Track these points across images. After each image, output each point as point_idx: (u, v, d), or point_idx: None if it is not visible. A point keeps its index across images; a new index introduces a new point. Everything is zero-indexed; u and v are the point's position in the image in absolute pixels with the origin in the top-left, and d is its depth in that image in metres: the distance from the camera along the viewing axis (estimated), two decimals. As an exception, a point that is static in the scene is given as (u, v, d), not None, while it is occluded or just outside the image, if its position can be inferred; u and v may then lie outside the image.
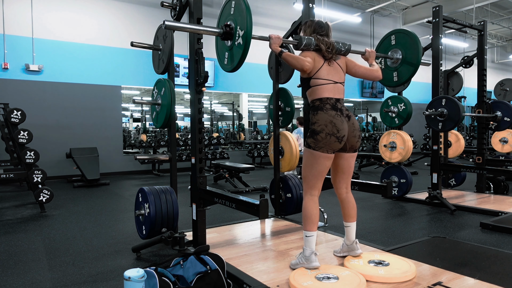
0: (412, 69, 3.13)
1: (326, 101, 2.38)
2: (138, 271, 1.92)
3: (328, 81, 2.42)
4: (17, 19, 7.22)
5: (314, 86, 2.41)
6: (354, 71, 2.63)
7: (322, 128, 2.31)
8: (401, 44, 3.20)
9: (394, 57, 3.23)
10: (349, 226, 2.56)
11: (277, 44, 2.40)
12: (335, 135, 2.31)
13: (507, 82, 7.26)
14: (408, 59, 3.14)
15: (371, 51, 2.80)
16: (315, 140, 2.32)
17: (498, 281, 2.18)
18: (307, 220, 2.36)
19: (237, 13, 2.33)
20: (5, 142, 6.10)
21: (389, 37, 3.30)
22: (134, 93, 11.60)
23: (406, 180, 5.04)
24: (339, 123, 2.33)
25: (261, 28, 10.39)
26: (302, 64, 2.35)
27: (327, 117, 2.33)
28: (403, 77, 3.21)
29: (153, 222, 2.95)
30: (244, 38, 2.26)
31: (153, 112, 3.26)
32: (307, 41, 2.42)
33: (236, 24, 2.34)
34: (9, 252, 3.14)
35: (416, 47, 3.10)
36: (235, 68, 2.43)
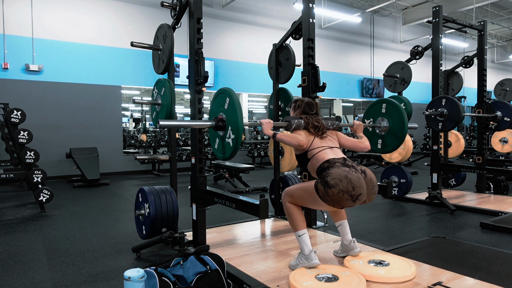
0: (397, 141, 3.14)
1: (334, 161, 2.29)
2: (138, 271, 1.93)
3: (325, 147, 2.43)
4: (17, 19, 7.22)
5: (313, 156, 2.40)
6: (343, 142, 2.64)
7: (336, 183, 2.12)
8: (390, 114, 3.17)
9: (382, 126, 3.23)
10: (341, 224, 2.57)
11: (269, 128, 2.46)
12: (349, 192, 2.12)
13: (507, 82, 7.26)
14: (394, 131, 3.15)
15: (358, 124, 2.88)
16: (326, 193, 2.15)
17: (498, 281, 2.18)
18: (294, 221, 2.38)
19: (229, 110, 2.36)
20: (5, 142, 6.10)
21: (379, 104, 3.25)
22: (134, 93, 11.61)
23: (406, 180, 5.04)
24: (355, 180, 2.14)
25: (261, 28, 10.40)
26: (298, 140, 2.40)
27: (341, 172, 2.16)
28: (388, 147, 3.22)
29: (153, 222, 2.95)
30: (235, 137, 2.31)
31: (153, 112, 3.26)
32: (296, 123, 2.51)
33: (228, 119, 2.38)
34: (9, 252, 3.14)
35: (403, 122, 3.08)
36: (227, 158, 2.47)
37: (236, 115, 2.28)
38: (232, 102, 2.33)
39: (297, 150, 2.50)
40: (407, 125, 3.09)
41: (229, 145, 2.39)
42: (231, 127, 2.35)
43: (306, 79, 3.35)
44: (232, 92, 2.37)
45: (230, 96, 2.35)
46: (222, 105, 2.44)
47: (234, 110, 2.31)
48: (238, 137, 2.29)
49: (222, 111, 2.44)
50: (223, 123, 2.41)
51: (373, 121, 3.27)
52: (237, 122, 2.28)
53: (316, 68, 3.32)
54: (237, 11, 10.00)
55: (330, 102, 13.48)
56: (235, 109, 2.30)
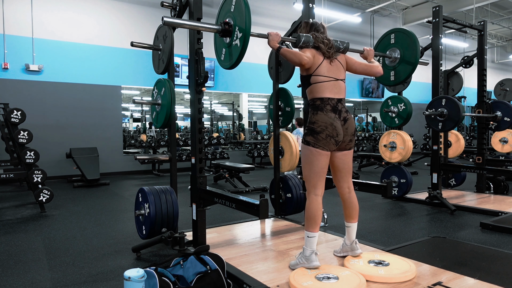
0: (410, 68, 3.12)
1: (327, 102, 2.38)
2: (138, 271, 1.92)
3: (329, 78, 2.41)
4: (17, 19, 7.22)
5: (315, 84, 2.40)
6: (354, 68, 2.63)
7: (323, 129, 2.34)
8: (400, 43, 3.19)
9: (392, 56, 3.22)
10: (350, 226, 2.56)
11: (276, 41, 2.38)
12: (334, 138, 2.35)
13: (507, 82, 7.27)
14: (407, 58, 3.13)
15: (369, 50, 2.80)
16: (315, 139, 2.34)
17: (498, 281, 2.18)
18: (310, 220, 2.35)
19: (236, 10, 2.31)
20: (5, 142, 6.10)
21: (387, 35, 3.30)
22: (134, 93, 11.60)
23: (406, 180, 5.04)
24: (339, 127, 2.37)
25: (261, 28, 10.38)
26: (300, 58, 2.33)
27: (327, 119, 2.35)
28: (401, 76, 3.21)
29: (153, 222, 2.95)
30: (243, 35, 2.24)
31: (153, 112, 3.26)
32: (305, 38, 2.42)
33: (235, 21, 2.31)
34: (9, 252, 3.14)
35: (415, 46, 3.09)
36: (233, 65, 2.41)
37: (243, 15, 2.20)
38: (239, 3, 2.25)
39: (303, 70, 2.45)
40: (419, 48, 3.07)
41: (236, 48, 2.31)
42: (238, 28, 2.26)
43: (306, 79, 3.34)
44: None
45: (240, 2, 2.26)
46: (228, 9, 2.37)
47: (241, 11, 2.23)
48: (246, 39, 2.21)
49: (228, 15, 2.37)
50: (230, 27, 2.34)
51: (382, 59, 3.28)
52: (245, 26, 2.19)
53: (316, 68, 3.31)
54: (237, 11, 9.98)
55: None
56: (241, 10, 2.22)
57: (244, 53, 2.29)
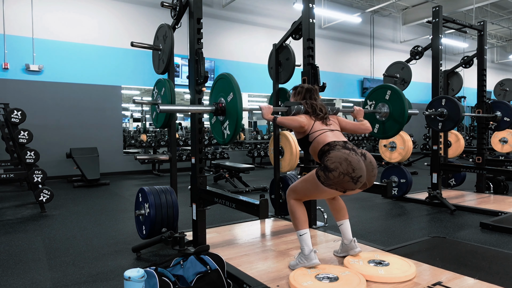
0: (397, 126, 3.14)
1: (334, 143, 2.31)
2: (138, 271, 1.93)
3: (325, 130, 2.43)
4: (17, 19, 7.22)
5: (314, 139, 2.40)
6: (344, 126, 2.65)
7: (336, 166, 2.16)
8: (389, 100, 3.19)
9: (382, 111, 3.23)
10: (342, 224, 2.57)
11: (269, 113, 2.46)
12: (349, 174, 2.15)
13: (507, 82, 7.27)
14: (395, 116, 3.15)
15: (358, 109, 2.88)
16: (327, 177, 2.18)
17: (498, 281, 2.18)
18: (296, 220, 2.38)
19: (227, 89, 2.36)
20: (5, 142, 6.11)
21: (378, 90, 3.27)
22: (134, 93, 11.60)
23: (406, 180, 5.04)
24: (355, 162, 2.18)
25: (261, 28, 10.39)
26: (299, 121, 2.40)
27: (341, 155, 2.19)
28: (389, 133, 3.23)
29: (153, 222, 2.95)
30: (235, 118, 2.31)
31: (153, 112, 3.26)
32: (296, 109, 2.52)
33: (227, 104, 2.37)
34: (9, 252, 3.14)
35: (403, 106, 3.08)
36: (227, 143, 2.47)
37: (236, 101, 2.27)
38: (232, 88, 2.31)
39: (299, 134, 2.48)
40: (407, 111, 3.08)
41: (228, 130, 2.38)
42: (231, 113, 2.33)
43: (306, 79, 3.35)
44: (232, 77, 2.35)
45: (230, 82, 2.33)
46: (222, 90, 2.42)
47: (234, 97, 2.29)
48: (238, 123, 2.28)
49: (222, 96, 2.42)
50: (223, 108, 2.39)
51: (374, 106, 3.28)
52: (237, 107, 2.26)
53: (316, 68, 3.32)
54: (237, 11, 10.00)
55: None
56: (235, 94, 2.28)
57: (236, 135, 2.37)
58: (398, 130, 3.17)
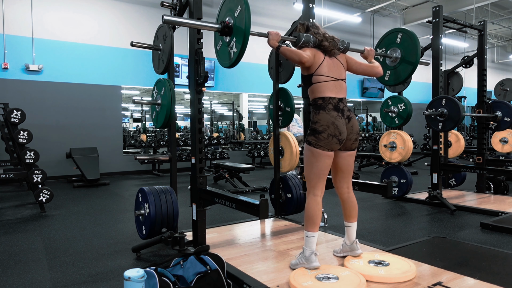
0: (410, 68, 3.13)
1: (328, 101, 2.37)
2: (138, 271, 1.92)
3: (330, 78, 2.41)
4: (17, 19, 7.22)
5: (316, 83, 2.40)
6: (355, 68, 2.64)
7: (324, 129, 2.32)
8: (401, 43, 3.20)
9: (393, 56, 3.22)
10: (350, 226, 2.56)
11: (276, 40, 2.38)
12: (337, 137, 2.33)
13: (507, 82, 7.26)
14: (407, 58, 3.14)
15: (370, 49, 2.80)
16: (317, 138, 2.33)
17: (498, 281, 2.18)
18: (309, 220, 2.35)
19: (235, 8, 2.31)
20: (5, 142, 6.10)
21: (389, 35, 3.30)
22: (134, 93, 11.60)
23: (406, 180, 5.04)
24: (341, 126, 2.34)
25: (261, 28, 10.32)
26: (300, 56, 2.34)
27: (329, 118, 2.33)
28: (402, 76, 3.22)
29: (153, 222, 2.95)
30: (242, 34, 2.25)
31: (153, 112, 3.26)
32: (305, 38, 2.42)
33: (235, 20, 2.32)
34: (9, 252, 3.14)
35: (415, 46, 3.09)
36: (233, 64, 2.41)
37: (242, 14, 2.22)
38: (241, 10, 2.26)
39: (303, 69, 2.46)
40: (419, 48, 3.07)
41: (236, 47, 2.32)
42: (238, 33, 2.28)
43: (306, 79, 3.34)
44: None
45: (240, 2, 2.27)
46: (229, 9, 2.37)
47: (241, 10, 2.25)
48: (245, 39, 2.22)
49: (229, 15, 2.37)
50: (230, 26, 2.34)
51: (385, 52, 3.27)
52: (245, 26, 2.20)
53: (316, 68, 3.31)
54: (237, 11, 9.98)
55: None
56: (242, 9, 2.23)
57: (244, 52, 2.29)
58: (412, 72, 3.13)
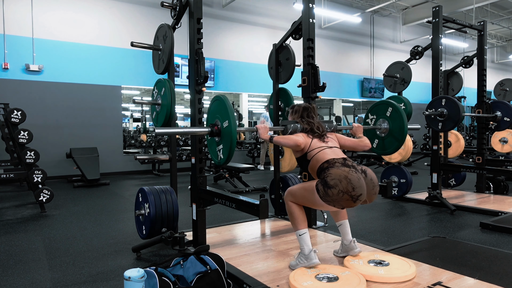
0: (396, 143, 3.13)
1: (334, 161, 2.28)
2: (138, 271, 1.93)
3: (324, 147, 2.42)
4: (17, 19, 7.22)
5: (313, 157, 2.39)
6: (343, 143, 2.65)
7: (336, 183, 2.12)
8: (390, 117, 3.18)
9: (382, 127, 3.22)
10: (341, 224, 2.57)
11: (265, 132, 2.49)
12: (349, 193, 2.11)
13: (507, 82, 7.26)
14: (394, 134, 3.14)
15: (357, 126, 2.89)
16: (326, 193, 2.15)
17: (498, 281, 2.18)
18: (295, 220, 2.38)
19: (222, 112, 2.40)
20: (5, 142, 6.10)
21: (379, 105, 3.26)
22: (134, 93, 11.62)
23: (406, 180, 5.04)
24: (355, 180, 2.13)
25: (261, 28, 10.39)
26: (294, 140, 2.41)
27: (341, 172, 2.15)
28: (388, 149, 3.22)
29: (153, 222, 2.95)
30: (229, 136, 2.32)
31: (153, 112, 3.26)
32: (292, 128, 2.54)
33: (222, 123, 2.40)
34: (9, 252, 3.14)
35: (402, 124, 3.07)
36: (225, 162, 2.48)
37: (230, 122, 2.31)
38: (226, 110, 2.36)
39: (297, 152, 2.50)
40: (406, 128, 3.08)
41: (222, 154, 2.42)
42: (225, 138, 2.37)
43: (306, 79, 3.35)
44: (226, 99, 2.39)
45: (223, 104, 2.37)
46: (218, 112, 2.45)
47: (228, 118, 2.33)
48: (232, 148, 2.31)
49: (218, 118, 2.45)
50: (218, 131, 2.43)
51: (375, 120, 3.27)
52: (231, 129, 2.30)
53: (316, 68, 3.32)
54: (237, 11, 10.00)
55: (330, 102, 13.48)
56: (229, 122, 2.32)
57: (233, 152, 2.37)
58: (397, 147, 3.15)
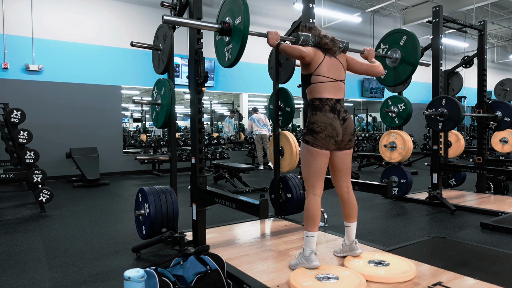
0: (410, 68, 3.14)
1: (325, 102, 2.39)
2: (138, 271, 1.92)
3: (329, 79, 2.42)
4: (17, 19, 7.22)
5: (315, 84, 2.41)
6: (356, 68, 2.64)
7: (322, 129, 2.35)
8: (402, 45, 3.21)
9: (393, 57, 3.23)
10: (349, 226, 2.56)
11: (275, 39, 2.40)
12: (334, 138, 2.36)
13: (507, 82, 7.26)
14: (407, 59, 3.15)
15: (369, 49, 2.82)
16: (314, 138, 2.35)
17: (498, 281, 2.18)
18: (309, 220, 2.36)
19: (235, 9, 2.33)
20: (5, 142, 6.10)
21: (393, 34, 3.30)
22: (134, 93, 11.61)
23: (406, 180, 5.04)
24: (338, 127, 2.38)
25: (261, 28, 10.33)
26: (300, 51, 2.35)
27: (327, 119, 2.36)
28: (402, 77, 3.23)
29: (153, 222, 2.95)
30: (241, 34, 2.26)
31: (153, 112, 3.26)
32: (304, 37, 2.44)
33: (234, 20, 2.34)
34: (9, 252, 3.14)
35: (415, 47, 3.10)
36: (232, 63, 2.42)
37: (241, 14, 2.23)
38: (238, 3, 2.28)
39: (304, 68, 2.46)
40: (419, 49, 3.09)
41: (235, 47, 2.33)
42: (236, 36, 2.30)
43: (306, 79, 3.34)
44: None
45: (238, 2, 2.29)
46: (230, 10, 2.38)
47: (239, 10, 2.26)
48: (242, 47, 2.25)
49: (229, 16, 2.38)
50: (229, 29, 2.36)
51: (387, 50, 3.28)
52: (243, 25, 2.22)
53: (316, 68, 3.31)
54: (237, 11, 9.98)
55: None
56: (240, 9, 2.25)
57: (243, 52, 2.30)
58: (411, 72, 3.16)
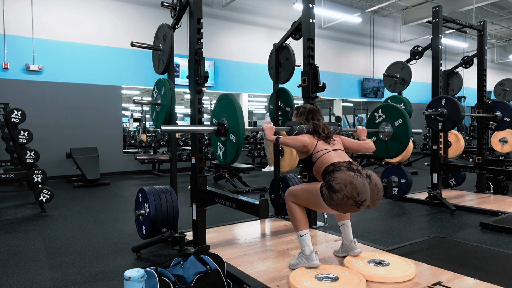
0: (400, 147, 3.17)
1: (339, 164, 2.26)
2: (138, 271, 1.93)
3: (329, 149, 2.41)
4: (17, 19, 7.22)
5: (318, 159, 2.37)
6: (347, 145, 2.65)
7: (341, 188, 2.12)
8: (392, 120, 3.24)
9: (385, 131, 3.25)
10: (343, 224, 2.57)
11: (271, 133, 2.50)
12: (353, 198, 2.11)
13: (507, 82, 7.26)
14: (398, 137, 3.18)
15: (361, 129, 2.91)
16: (330, 197, 2.15)
17: (498, 281, 2.18)
18: (296, 221, 2.37)
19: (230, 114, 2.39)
20: (5, 142, 6.11)
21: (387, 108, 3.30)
22: (134, 93, 11.62)
23: (406, 180, 5.04)
24: (360, 185, 2.13)
25: (261, 28, 10.39)
26: (302, 140, 2.41)
27: (346, 177, 2.14)
28: (392, 154, 3.25)
29: (153, 222, 2.95)
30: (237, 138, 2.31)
31: (153, 112, 3.26)
32: (298, 129, 2.52)
33: (229, 124, 2.39)
34: (9, 252, 3.14)
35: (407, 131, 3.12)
36: (228, 164, 2.48)
37: (238, 121, 2.29)
38: (233, 109, 2.34)
39: (302, 154, 2.49)
40: (410, 132, 3.10)
41: (231, 146, 2.39)
42: (233, 133, 2.36)
43: (306, 79, 3.35)
44: (234, 98, 2.37)
45: (232, 103, 2.35)
46: (224, 111, 2.44)
47: (235, 117, 2.32)
48: (240, 143, 2.30)
49: (224, 116, 2.44)
50: (225, 129, 2.42)
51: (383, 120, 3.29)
52: (239, 128, 2.28)
53: (316, 68, 3.32)
54: (237, 11, 10.00)
55: (330, 102, 13.47)
56: (236, 115, 2.31)
57: (238, 157, 2.36)
58: (401, 151, 3.18)
